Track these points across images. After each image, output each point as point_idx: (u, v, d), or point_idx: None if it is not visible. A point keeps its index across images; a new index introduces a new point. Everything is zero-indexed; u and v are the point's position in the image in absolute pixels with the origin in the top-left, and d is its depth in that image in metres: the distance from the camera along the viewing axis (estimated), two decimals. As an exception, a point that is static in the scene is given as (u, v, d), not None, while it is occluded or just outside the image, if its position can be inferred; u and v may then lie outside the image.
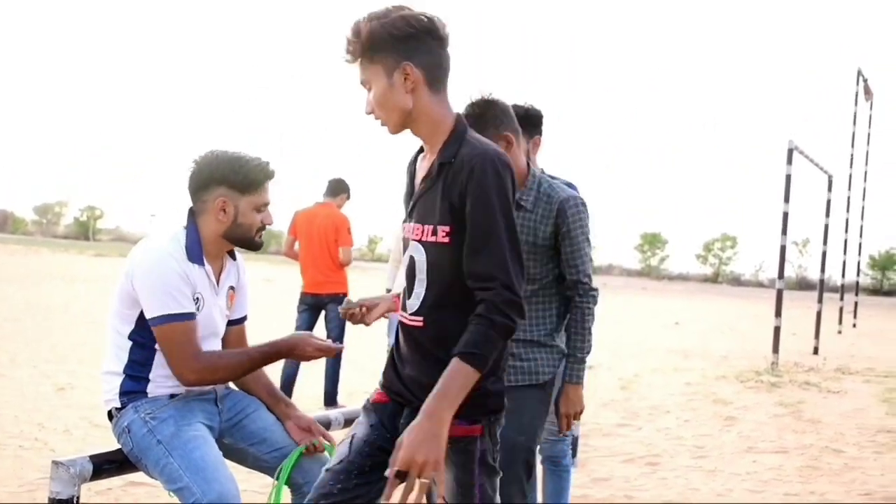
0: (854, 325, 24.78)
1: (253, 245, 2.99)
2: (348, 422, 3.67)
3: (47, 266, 32.32)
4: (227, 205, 2.87)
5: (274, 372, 3.26)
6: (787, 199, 11.64)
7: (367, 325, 3.03)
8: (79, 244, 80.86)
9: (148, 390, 2.84)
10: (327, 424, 3.54)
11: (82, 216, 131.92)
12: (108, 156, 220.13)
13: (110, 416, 2.88)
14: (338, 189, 7.31)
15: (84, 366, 8.94)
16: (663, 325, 21.44)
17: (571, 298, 3.16)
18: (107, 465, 2.80)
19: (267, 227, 2.99)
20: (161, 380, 2.84)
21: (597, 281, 3.31)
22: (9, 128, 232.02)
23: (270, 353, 2.90)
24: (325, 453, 2.96)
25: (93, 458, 2.76)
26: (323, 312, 7.13)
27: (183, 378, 2.79)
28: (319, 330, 7.10)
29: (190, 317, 2.79)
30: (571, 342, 3.18)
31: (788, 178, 11.60)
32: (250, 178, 2.89)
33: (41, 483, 4.71)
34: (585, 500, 5.01)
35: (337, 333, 7.09)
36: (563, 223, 3.09)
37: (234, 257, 3.11)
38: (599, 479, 5.51)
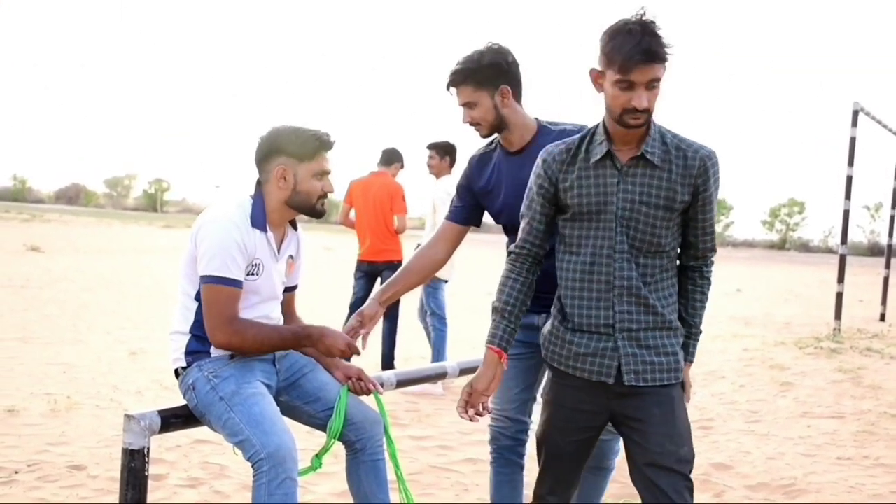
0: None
1: (314, 212, 3.08)
2: (400, 383, 3.81)
3: (118, 237, 33.07)
4: (287, 172, 3.00)
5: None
6: (850, 163, 11.42)
7: (367, 331, 3.27)
8: (148, 216, 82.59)
9: (211, 350, 2.98)
10: (380, 385, 3.69)
11: (150, 188, 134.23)
12: (174, 130, 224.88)
13: (177, 374, 3.04)
14: (392, 158, 7.40)
15: (155, 332, 9.23)
16: (725, 293, 21.14)
17: (696, 270, 2.76)
18: (173, 420, 2.96)
19: (328, 194, 3.09)
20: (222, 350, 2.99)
21: None
22: (79, 104, 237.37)
23: (301, 335, 3.00)
24: (375, 403, 3.13)
25: (161, 412, 2.94)
26: (378, 279, 7.27)
27: (213, 338, 2.91)
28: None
29: (235, 283, 2.91)
30: (697, 317, 2.78)
31: (853, 140, 11.37)
32: (307, 146, 3.00)
33: (116, 439, 4.94)
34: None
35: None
36: (703, 183, 2.61)
37: (295, 227, 3.22)
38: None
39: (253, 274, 2.99)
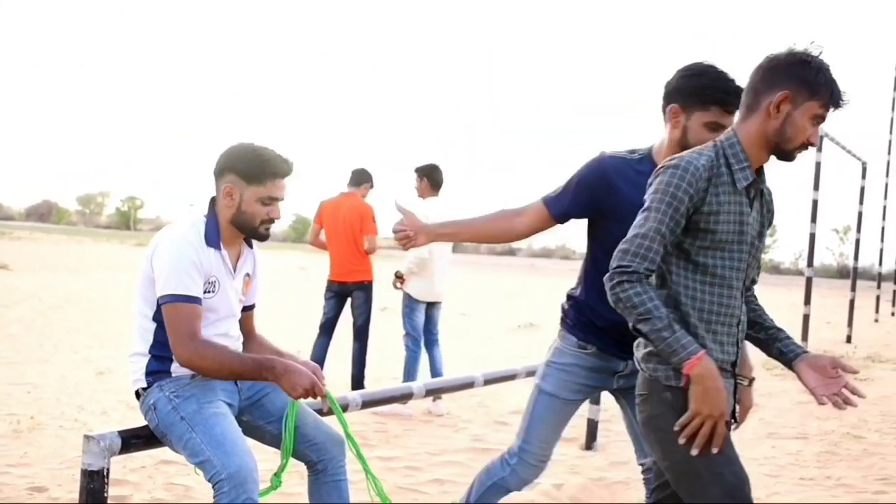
0: (893, 314, 24.47)
1: (257, 235, 3.08)
2: (366, 404, 3.81)
3: (89, 255, 32.86)
4: (233, 191, 2.99)
5: (304, 355, 3.40)
6: (816, 187, 11.59)
7: (417, 246, 3.26)
8: (120, 234, 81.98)
9: (172, 370, 2.96)
10: (345, 406, 3.67)
11: (123, 206, 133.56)
12: (148, 147, 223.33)
13: (138, 395, 3.01)
14: (361, 178, 7.40)
15: (122, 352, 9.08)
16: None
17: (752, 296, 2.79)
18: (134, 440, 2.93)
19: (274, 220, 3.06)
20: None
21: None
22: (52, 120, 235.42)
23: (264, 367, 2.90)
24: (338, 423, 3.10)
25: (121, 433, 2.90)
26: (349, 300, 7.27)
27: (177, 356, 2.88)
28: (345, 317, 7.29)
29: (194, 300, 2.89)
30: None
31: (818, 165, 11.56)
32: (257, 169, 2.97)
33: (78, 460, 4.89)
34: (603, 482, 5.11)
35: (362, 321, 7.24)
36: (771, 213, 2.66)
37: (250, 246, 3.21)
38: (617, 463, 5.59)
39: (209, 292, 2.98)
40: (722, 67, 2.95)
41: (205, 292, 2.96)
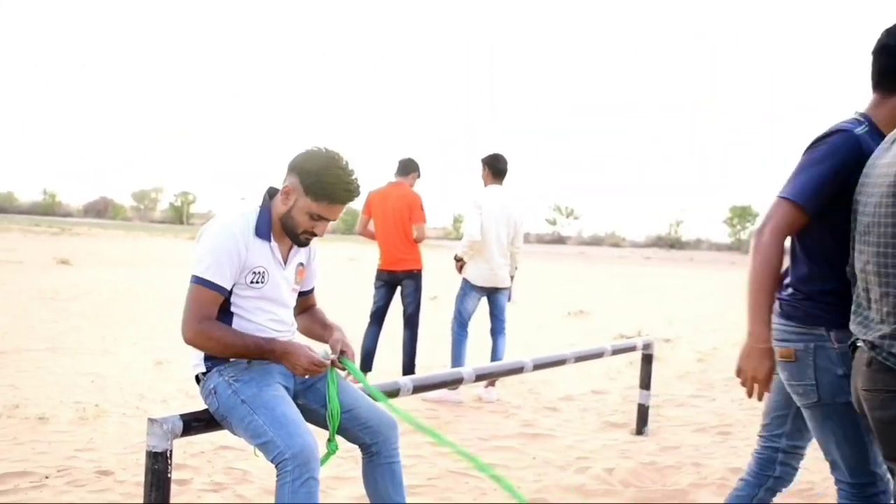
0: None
1: (297, 241, 3.12)
2: (417, 388, 3.87)
3: (145, 250, 33.30)
4: (290, 193, 3.03)
5: (355, 344, 3.44)
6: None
7: None
8: (174, 228, 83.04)
9: (230, 357, 3.03)
10: (396, 391, 3.74)
11: (177, 201, 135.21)
12: (174, 130, 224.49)
13: (198, 380, 3.10)
14: (409, 168, 7.41)
15: (179, 342, 9.28)
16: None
17: None
18: (195, 423, 3.03)
19: (316, 235, 3.11)
20: None
21: (682, 257, 3.11)
22: (79, 104, 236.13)
23: (265, 349, 2.97)
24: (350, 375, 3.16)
25: (183, 416, 3.00)
26: (399, 288, 7.32)
27: (183, 333, 2.98)
28: (396, 305, 7.35)
29: (218, 289, 2.95)
30: None
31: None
32: (317, 186, 2.99)
33: (141, 445, 5.00)
34: (654, 466, 5.11)
35: (412, 309, 7.28)
36: None
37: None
38: (668, 448, 5.58)
39: (257, 282, 3.04)
40: None
41: (253, 282, 3.03)
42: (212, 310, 2.97)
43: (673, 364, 8.87)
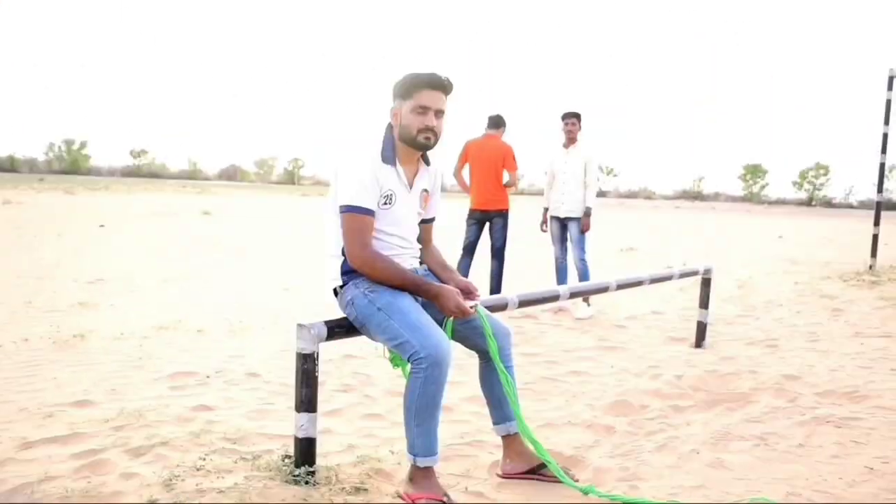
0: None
1: (416, 144, 2.82)
2: (522, 303, 3.62)
3: (267, 205, 33.65)
4: (396, 112, 2.83)
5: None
6: (886, 122, 10.62)
7: None
8: (288, 188, 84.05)
9: None
10: (504, 306, 3.50)
11: (290, 166, 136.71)
12: (174, 130, 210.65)
13: (335, 293, 2.88)
14: (499, 122, 7.09)
15: (301, 275, 9.27)
16: (769, 239, 20.33)
17: None
18: (337, 329, 2.85)
19: (431, 127, 2.79)
20: None
21: (705, 206, 2.87)
22: (79, 104, 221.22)
23: (421, 287, 2.75)
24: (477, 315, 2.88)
25: (327, 322, 2.83)
26: (488, 225, 7.06)
27: (350, 261, 2.76)
28: (485, 239, 7.10)
29: (368, 213, 2.73)
30: None
31: (889, 102, 10.58)
32: (406, 84, 2.78)
33: (282, 353, 4.91)
34: (716, 373, 4.80)
35: (500, 243, 7.02)
36: None
37: (427, 163, 2.98)
38: (726, 358, 5.26)
39: (386, 204, 2.81)
40: None
41: (384, 204, 2.80)
42: (368, 236, 2.74)
43: (717, 290, 8.43)
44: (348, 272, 2.83)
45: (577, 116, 6.97)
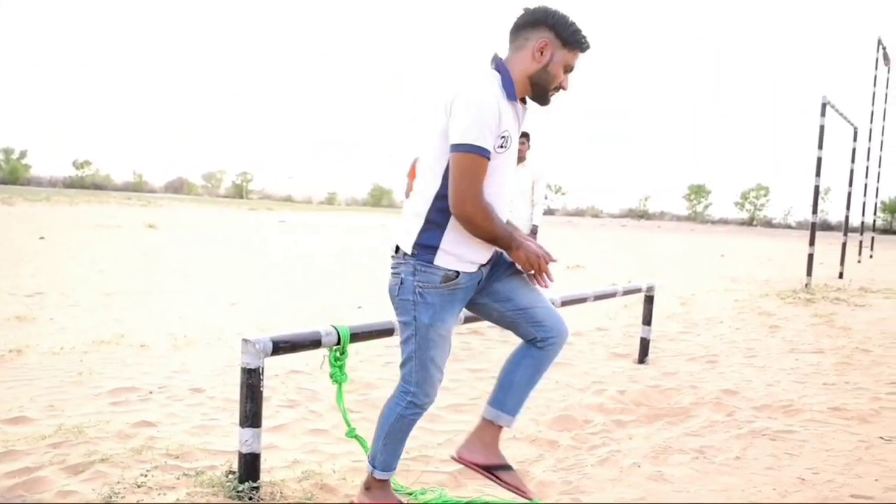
0: (871, 257, 23.63)
1: (544, 99, 2.54)
2: (468, 319, 3.62)
3: (214, 219, 33.18)
4: (547, 48, 2.47)
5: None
6: (820, 146, 11.02)
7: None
8: (236, 202, 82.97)
9: (435, 259, 2.48)
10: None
11: (238, 180, 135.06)
12: (174, 130, 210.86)
13: (397, 249, 2.54)
14: None
15: (246, 290, 9.16)
16: (711, 258, 20.81)
17: None
18: (282, 345, 2.83)
19: (564, 89, 2.55)
20: (448, 250, 2.48)
21: (651, 225, 2.90)
22: (79, 104, 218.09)
23: (514, 240, 2.49)
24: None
25: (272, 338, 2.80)
26: None
27: (458, 209, 2.38)
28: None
29: (487, 154, 2.36)
30: None
31: (822, 128, 10.98)
32: (576, 37, 2.49)
33: (226, 369, 4.85)
34: (658, 389, 4.89)
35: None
36: None
37: (525, 104, 2.60)
38: (668, 373, 5.37)
39: (503, 147, 2.43)
40: None
41: (500, 146, 2.42)
42: (482, 184, 2.38)
43: (660, 307, 8.58)
44: (423, 246, 2.48)
45: (526, 136, 7.06)
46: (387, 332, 3.15)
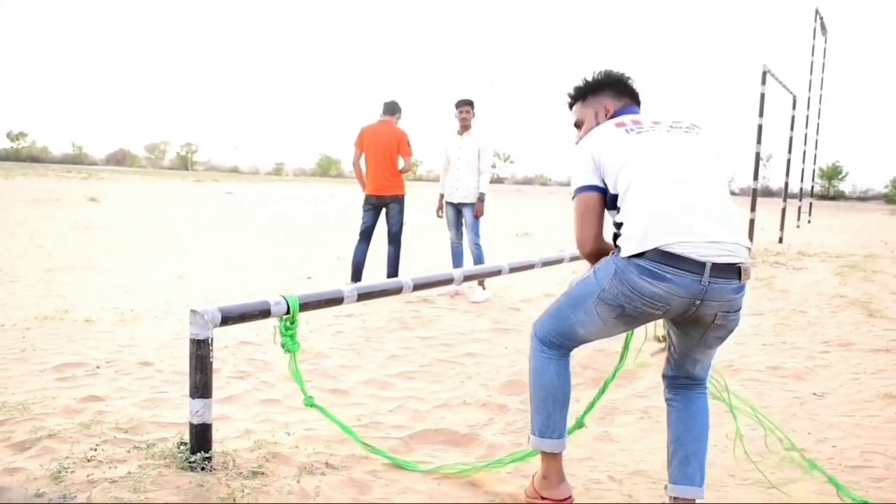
0: (809, 222, 24.41)
1: None
2: (417, 286, 3.67)
3: (158, 191, 32.50)
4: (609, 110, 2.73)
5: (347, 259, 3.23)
6: (761, 114, 11.28)
7: None
8: (181, 173, 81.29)
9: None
10: (399, 289, 3.54)
11: (182, 151, 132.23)
12: (199, 100, 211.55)
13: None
14: (394, 108, 7.12)
15: (193, 261, 9.04)
16: (654, 224, 21.22)
17: None
18: (231, 315, 2.81)
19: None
20: None
21: None
22: (79, 104, 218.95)
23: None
24: None
25: (220, 309, 2.79)
26: (384, 210, 7.09)
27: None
28: (381, 225, 7.12)
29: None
30: None
31: (762, 96, 11.21)
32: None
33: (174, 342, 4.80)
34: (604, 353, 5.00)
35: (396, 228, 7.07)
36: None
37: None
38: (615, 337, 5.48)
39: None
40: None
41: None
42: None
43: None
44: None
45: (470, 104, 7.07)
46: (336, 300, 3.16)
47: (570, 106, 2.83)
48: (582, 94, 2.77)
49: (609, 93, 2.72)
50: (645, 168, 2.38)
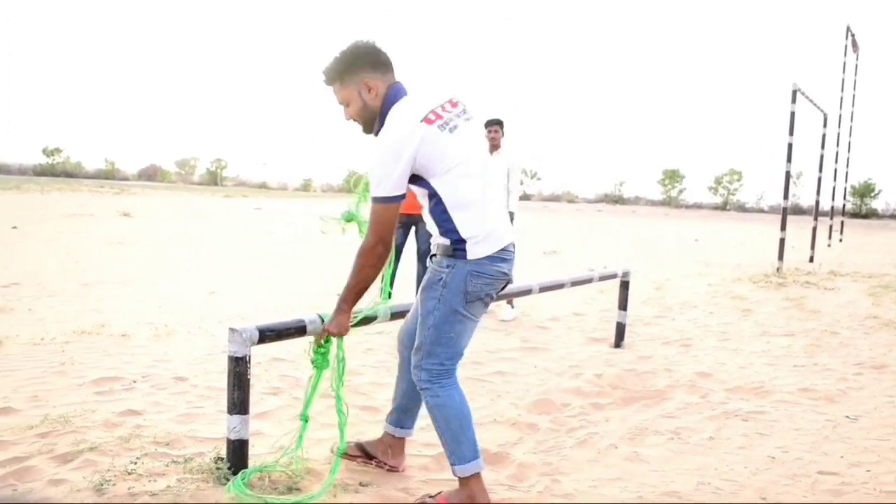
0: (840, 241, 24.07)
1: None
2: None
3: (189, 206, 32.93)
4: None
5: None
6: (791, 133, 11.21)
7: None
8: (210, 189, 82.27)
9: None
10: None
11: (212, 167, 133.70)
12: (229, 116, 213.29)
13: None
14: None
15: (225, 277, 9.16)
16: (685, 243, 21.06)
17: None
18: (268, 333, 2.88)
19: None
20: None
21: (626, 210, 3.06)
22: (79, 104, 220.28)
23: None
24: None
25: (259, 327, 2.86)
26: (413, 228, 7.14)
27: None
28: (411, 242, 7.17)
29: None
30: None
31: (793, 114, 11.16)
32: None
33: (208, 357, 4.88)
34: (634, 372, 5.01)
35: (427, 246, 7.11)
36: None
37: None
38: (643, 357, 5.49)
39: None
40: None
41: None
42: None
43: (635, 292, 8.72)
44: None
45: (499, 123, 7.13)
46: (369, 319, 3.21)
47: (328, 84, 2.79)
48: (338, 76, 2.74)
49: (365, 67, 2.72)
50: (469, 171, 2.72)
